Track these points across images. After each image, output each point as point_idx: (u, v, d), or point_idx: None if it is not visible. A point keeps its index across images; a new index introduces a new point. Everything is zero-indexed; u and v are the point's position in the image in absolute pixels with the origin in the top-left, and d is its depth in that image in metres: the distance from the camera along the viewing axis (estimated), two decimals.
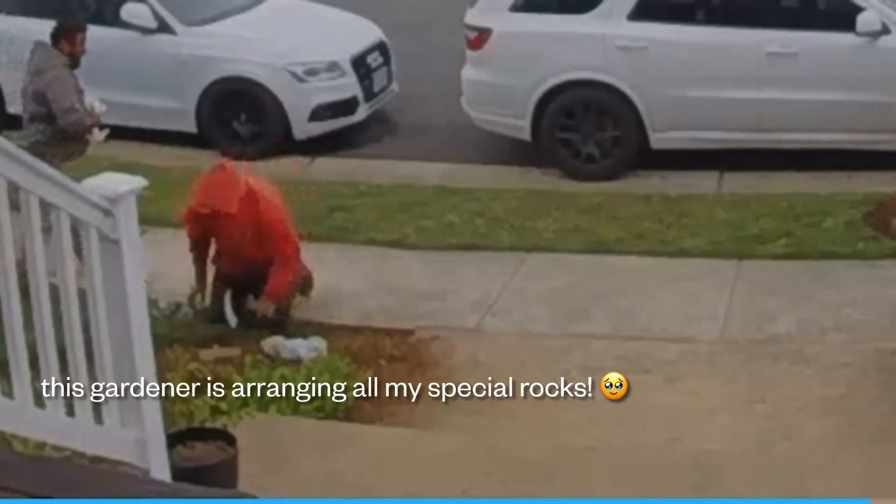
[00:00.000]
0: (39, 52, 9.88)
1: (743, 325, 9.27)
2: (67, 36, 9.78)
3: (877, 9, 11.47)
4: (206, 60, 12.88)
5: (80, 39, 9.83)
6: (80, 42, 9.82)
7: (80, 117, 9.71)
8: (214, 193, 8.94)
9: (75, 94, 9.72)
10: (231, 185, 8.96)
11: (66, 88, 9.66)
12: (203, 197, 8.98)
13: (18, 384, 4.93)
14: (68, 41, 9.76)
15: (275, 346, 8.77)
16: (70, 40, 9.76)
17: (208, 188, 8.97)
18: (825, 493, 6.88)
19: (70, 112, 9.63)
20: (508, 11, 12.29)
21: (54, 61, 9.73)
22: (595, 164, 12.05)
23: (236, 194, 8.93)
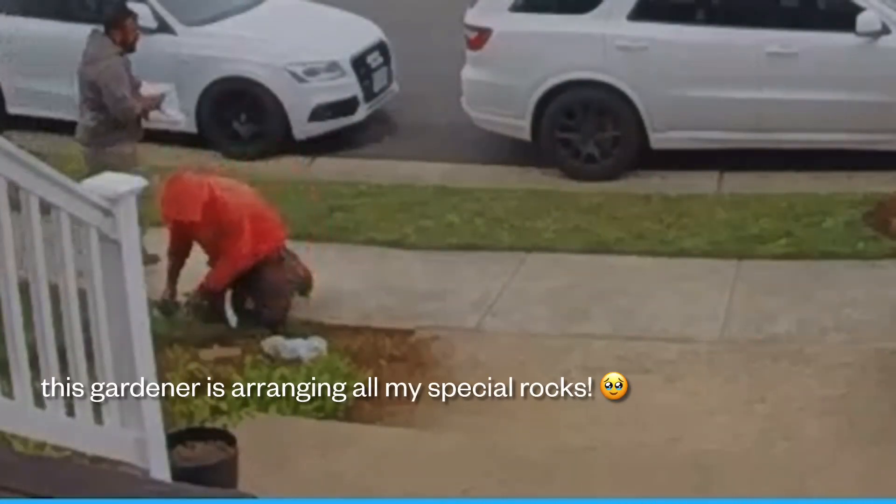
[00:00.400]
0: (94, 41, 10.14)
1: (743, 325, 9.27)
2: (117, 24, 10.05)
3: (877, 9, 11.47)
4: (206, 60, 12.89)
5: (131, 25, 10.09)
6: (130, 28, 10.08)
7: (129, 106, 9.97)
8: (176, 204, 9.02)
9: (127, 83, 9.98)
10: (191, 193, 9.03)
11: (117, 78, 9.93)
12: (167, 209, 9.06)
13: (18, 384, 4.93)
14: (119, 29, 10.03)
15: (275, 346, 8.77)
16: (121, 28, 10.02)
17: (170, 200, 9.04)
18: (825, 493, 6.88)
19: (120, 101, 9.92)
20: (508, 11, 12.29)
21: (107, 51, 10.00)
22: (595, 164, 12.05)
23: (198, 202, 9.00)
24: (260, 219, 9.26)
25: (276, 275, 9.27)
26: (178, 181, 9.11)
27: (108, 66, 9.95)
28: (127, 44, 10.06)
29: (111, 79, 9.93)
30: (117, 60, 9.99)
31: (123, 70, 10.00)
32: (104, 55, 10.00)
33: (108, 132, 10.02)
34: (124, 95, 9.92)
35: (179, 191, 9.05)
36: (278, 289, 9.27)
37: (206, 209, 8.99)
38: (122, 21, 10.09)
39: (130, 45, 10.10)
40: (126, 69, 10.05)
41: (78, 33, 13.08)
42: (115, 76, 9.93)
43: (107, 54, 10.00)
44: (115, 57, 9.99)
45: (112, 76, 9.93)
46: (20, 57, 13.31)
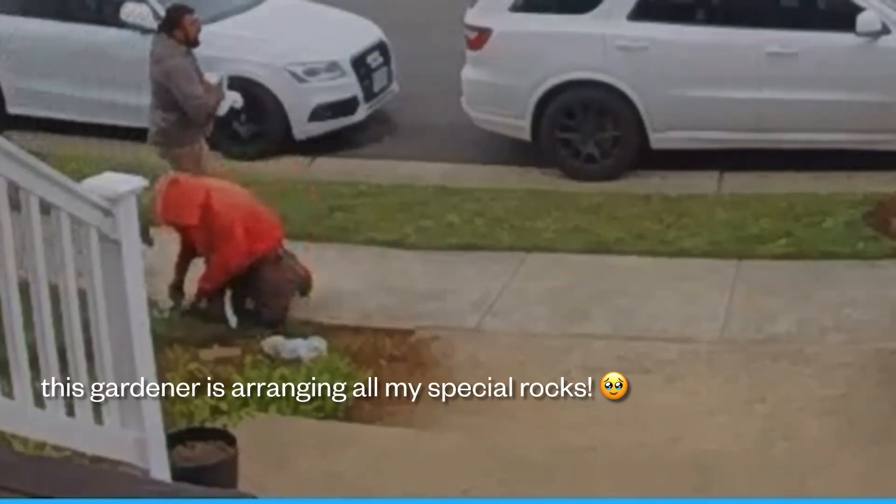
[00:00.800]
0: (158, 42, 10.24)
1: (743, 325, 9.27)
2: (177, 24, 10.13)
3: (877, 9, 11.47)
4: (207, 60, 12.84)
5: (189, 21, 10.15)
6: (189, 24, 10.16)
7: (203, 103, 10.05)
8: (174, 208, 9.06)
9: (197, 80, 10.06)
10: (188, 197, 9.07)
11: (187, 76, 10.05)
12: (164, 212, 9.09)
13: (18, 384, 4.93)
14: (179, 27, 10.11)
15: (275, 346, 8.77)
16: (180, 26, 10.10)
17: (166, 204, 9.06)
18: (825, 493, 6.88)
19: (192, 99, 10.00)
20: (508, 11, 12.29)
21: (171, 50, 10.10)
22: (595, 164, 12.05)
23: (195, 205, 9.04)
24: (255, 219, 9.27)
25: (275, 274, 9.27)
26: (176, 184, 9.12)
27: (176, 65, 10.05)
28: (190, 40, 10.16)
29: (181, 78, 10.01)
30: (182, 59, 10.10)
31: (192, 68, 10.11)
32: (169, 54, 10.09)
33: (178, 131, 10.10)
34: (198, 93, 10.00)
35: (178, 194, 9.06)
36: (277, 288, 9.27)
37: (202, 212, 9.02)
38: (181, 20, 10.17)
39: (193, 40, 10.19)
40: (196, 67, 10.15)
41: (78, 33, 13.20)
42: (184, 75, 10.03)
43: (171, 54, 10.09)
44: (180, 57, 10.09)
45: (182, 75, 10.03)
46: (20, 57, 13.31)
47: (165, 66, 10.09)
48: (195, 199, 9.05)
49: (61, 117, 13.14)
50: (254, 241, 9.20)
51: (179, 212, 9.04)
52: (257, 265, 9.23)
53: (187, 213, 9.02)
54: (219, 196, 9.16)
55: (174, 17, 10.25)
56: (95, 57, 13.08)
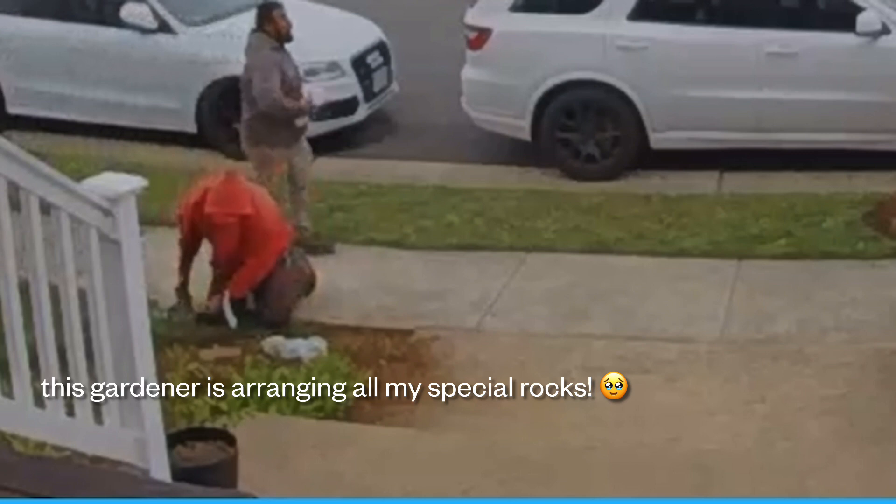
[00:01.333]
0: (251, 38, 10.23)
1: (743, 325, 9.27)
2: (267, 18, 10.14)
3: (877, 9, 11.47)
4: (207, 60, 12.88)
5: (279, 15, 10.11)
6: (279, 18, 10.12)
7: (275, 98, 9.97)
8: (231, 202, 9.08)
9: (276, 76, 9.96)
10: (242, 192, 9.17)
11: (264, 69, 10.01)
12: (220, 206, 9.07)
13: (18, 384, 4.93)
14: (269, 22, 10.11)
15: (275, 346, 8.77)
16: (270, 20, 10.08)
17: (223, 197, 9.08)
18: (825, 493, 6.88)
19: (265, 92, 9.96)
20: (508, 11, 12.29)
21: (258, 44, 10.11)
22: (595, 164, 12.05)
23: (248, 200, 9.14)
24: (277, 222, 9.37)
25: (280, 276, 9.29)
26: (233, 179, 9.21)
27: (259, 57, 10.07)
28: (281, 35, 10.13)
29: (258, 68, 10.03)
30: (270, 54, 10.07)
31: (274, 63, 10.03)
32: (256, 48, 10.13)
33: (261, 129, 10.07)
34: (269, 88, 9.93)
35: (235, 188, 9.14)
36: (281, 290, 9.29)
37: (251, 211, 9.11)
38: (270, 14, 10.14)
39: (285, 35, 10.14)
40: (282, 64, 10.07)
41: (78, 33, 13.20)
42: (262, 66, 10.02)
43: (258, 47, 10.15)
44: (267, 50, 10.08)
45: (260, 66, 10.04)
46: (20, 57, 13.31)
47: (249, 59, 10.14)
48: (248, 195, 9.17)
49: (61, 117, 13.13)
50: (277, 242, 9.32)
51: (237, 204, 9.06)
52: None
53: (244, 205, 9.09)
54: (261, 200, 9.27)
55: (263, 11, 10.22)
56: (95, 57, 13.08)
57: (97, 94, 13.03)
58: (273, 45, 10.11)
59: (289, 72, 10.17)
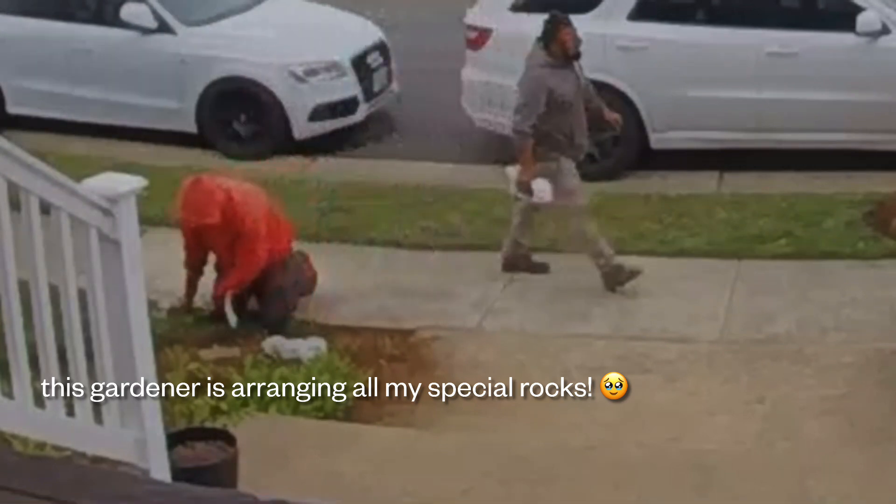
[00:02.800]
0: (532, 48, 9.79)
1: (743, 325, 9.27)
2: (553, 37, 9.67)
3: (877, 9, 11.47)
4: (206, 60, 12.89)
5: (566, 34, 9.68)
6: (566, 37, 9.66)
7: (522, 124, 9.53)
8: (196, 207, 9.00)
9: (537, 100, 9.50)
10: (209, 196, 9.01)
11: (529, 90, 9.59)
12: (186, 212, 9.06)
13: (18, 384, 4.93)
14: (555, 39, 9.65)
15: (275, 346, 8.77)
16: (557, 40, 9.65)
17: (189, 203, 9.04)
18: (825, 493, 6.88)
19: (516, 112, 9.59)
20: (508, 11, 12.28)
21: (533, 60, 9.70)
22: (595, 164, 12.03)
23: (216, 205, 8.98)
24: (275, 220, 9.30)
25: (281, 277, 9.28)
26: (196, 184, 9.11)
27: (527, 75, 9.67)
28: (567, 54, 9.66)
29: (525, 89, 9.62)
30: (539, 73, 9.59)
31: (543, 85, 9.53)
32: (529, 64, 9.71)
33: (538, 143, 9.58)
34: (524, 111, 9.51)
35: (198, 194, 9.04)
36: (282, 291, 9.28)
37: (224, 213, 9.00)
38: (557, 32, 9.68)
39: (567, 54, 9.67)
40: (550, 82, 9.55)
41: (78, 33, 13.21)
42: (529, 88, 9.60)
43: (530, 65, 9.70)
44: (538, 68, 9.60)
45: (527, 87, 9.62)
46: (20, 57, 13.32)
47: (525, 71, 9.69)
48: (215, 199, 9.00)
49: (61, 117, 13.14)
50: (273, 242, 9.22)
51: (200, 211, 8.97)
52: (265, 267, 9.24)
53: (208, 212, 8.95)
54: (241, 198, 9.14)
55: (550, 28, 9.72)
56: (95, 57, 13.09)
57: (97, 94, 13.04)
58: (545, 61, 9.60)
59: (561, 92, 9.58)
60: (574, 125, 9.71)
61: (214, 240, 9.16)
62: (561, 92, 9.59)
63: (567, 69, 9.69)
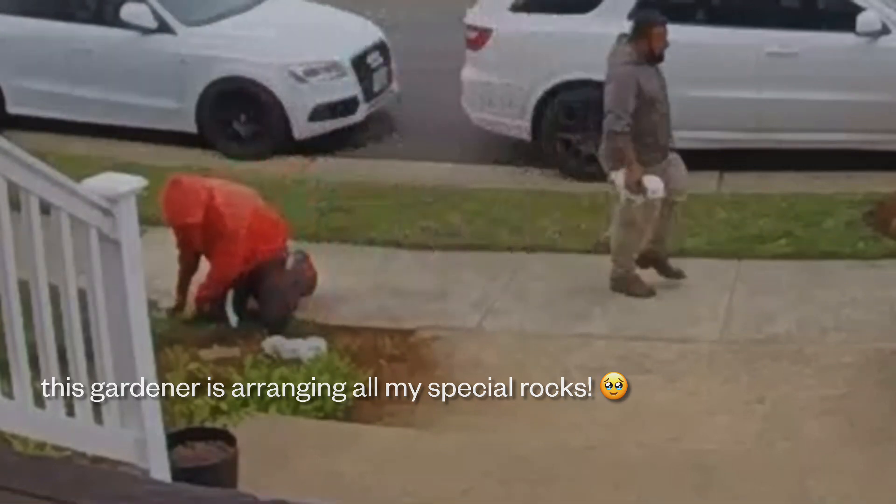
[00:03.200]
0: (614, 47, 9.60)
1: (743, 325, 9.27)
2: (643, 33, 9.47)
3: (877, 9, 11.47)
4: (206, 60, 12.89)
5: (657, 34, 9.45)
6: (657, 37, 9.44)
7: (618, 122, 9.28)
8: (177, 207, 9.01)
9: (629, 96, 9.28)
10: (191, 195, 9.02)
11: (619, 87, 9.34)
12: (167, 212, 9.06)
13: (18, 384, 4.93)
14: (645, 37, 9.44)
15: (275, 346, 8.77)
16: (647, 37, 9.44)
17: (170, 202, 9.04)
18: (825, 493, 6.88)
19: (608, 113, 9.34)
20: (508, 11, 12.29)
21: (619, 59, 9.47)
22: (595, 164, 11.99)
23: (197, 204, 8.98)
24: (260, 220, 9.25)
25: (278, 277, 9.27)
26: (178, 184, 9.10)
27: (614, 75, 9.41)
28: (653, 53, 9.44)
29: (614, 87, 9.36)
30: (627, 70, 9.37)
31: (632, 82, 9.30)
32: (614, 62, 9.49)
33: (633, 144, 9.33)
34: (618, 109, 9.28)
35: (179, 193, 9.04)
36: (280, 291, 9.28)
37: (207, 213, 8.99)
38: (649, 30, 9.47)
39: (658, 55, 9.46)
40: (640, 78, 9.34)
41: (78, 33, 13.21)
42: (619, 85, 9.33)
43: (613, 63, 9.49)
44: (624, 66, 9.39)
45: (617, 84, 9.36)
46: (20, 57, 13.32)
47: (609, 72, 9.46)
48: (198, 198, 9.01)
49: (61, 117, 13.14)
50: (258, 242, 9.19)
51: (182, 209, 8.97)
52: (261, 267, 9.22)
53: (191, 211, 8.96)
54: (224, 198, 9.12)
55: (642, 26, 9.53)
56: (95, 57, 13.09)
57: (97, 94, 13.04)
58: (632, 59, 9.39)
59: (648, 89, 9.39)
60: (658, 125, 9.52)
61: (197, 239, 9.15)
62: (647, 89, 9.40)
63: (651, 68, 9.49)
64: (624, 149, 9.36)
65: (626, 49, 9.48)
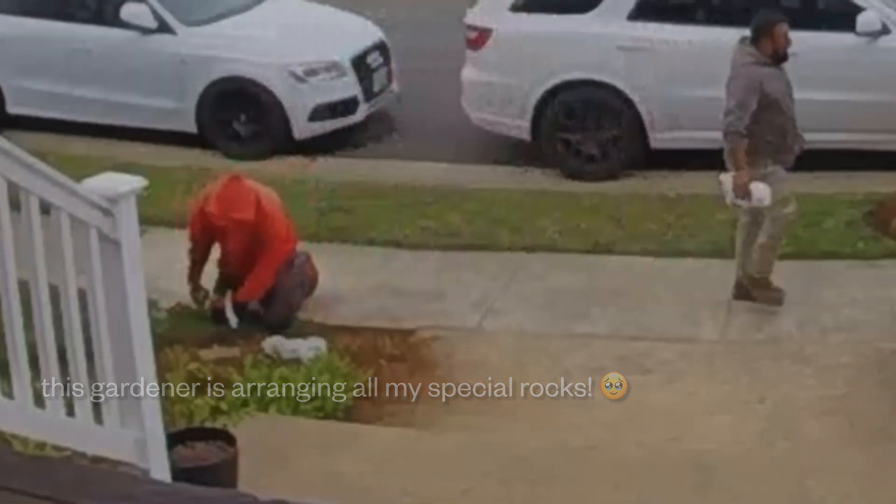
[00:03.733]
0: (736, 49, 9.37)
1: (743, 325, 9.27)
2: (766, 32, 9.26)
3: (877, 9, 11.46)
4: (206, 60, 12.89)
5: (781, 33, 9.27)
6: (780, 36, 9.26)
7: (733, 124, 9.02)
8: (232, 202, 9.08)
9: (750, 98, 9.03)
10: (245, 195, 9.14)
11: (741, 88, 9.10)
12: (219, 205, 9.08)
13: (18, 384, 4.93)
14: (768, 37, 9.24)
15: (275, 346, 8.77)
16: (770, 35, 9.25)
17: (225, 197, 9.09)
18: (825, 493, 6.88)
19: (729, 113, 9.07)
20: (508, 11, 12.29)
21: (741, 59, 9.25)
22: (595, 164, 12.05)
23: (250, 204, 9.11)
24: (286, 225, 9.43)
25: (285, 278, 9.31)
26: (235, 181, 9.20)
27: (736, 75, 9.18)
28: (778, 53, 9.23)
29: (735, 87, 9.13)
30: (750, 71, 9.14)
31: (755, 84, 9.07)
32: (737, 63, 9.25)
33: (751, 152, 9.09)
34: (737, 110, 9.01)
35: (237, 189, 9.13)
36: (286, 292, 9.30)
37: (256, 213, 9.12)
38: (773, 29, 9.26)
39: (782, 54, 9.26)
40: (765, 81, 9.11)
41: (78, 33, 13.21)
42: (741, 86, 9.09)
43: (743, 62, 9.23)
44: (747, 67, 9.16)
45: (738, 85, 9.12)
46: (20, 57, 13.32)
47: (732, 72, 9.21)
48: (250, 197, 9.14)
49: (61, 117, 13.14)
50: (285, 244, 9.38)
51: (237, 208, 9.06)
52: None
53: (245, 210, 9.07)
54: (267, 202, 9.27)
55: (765, 24, 9.32)
56: (95, 57, 13.09)
57: (97, 94, 13.04)
58: (755, 60, 9.16)
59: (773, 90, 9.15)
60: (784, 127, 9.24)
61: (234, 237, 9.19)
62: (772, 90, 9.17)
63: (776, 67, 9.28)
64: (736, 150, 9.12)
65: (750, 50, 9.26)
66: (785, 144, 9.26)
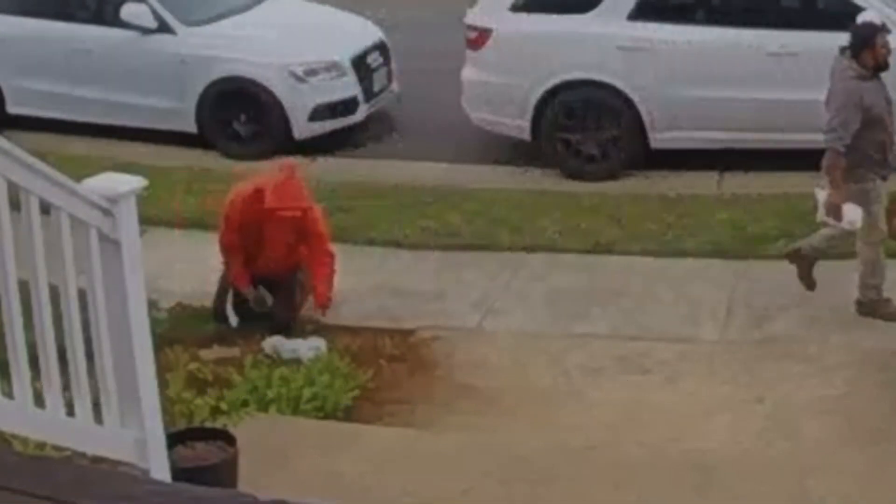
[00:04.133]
0: (836, 61, 9.19)
1: (743, 325, 9.28)
2: (866, 43, 9.00)
3: (877, 9, 11.45)
4: (206, 60, 12.89)
5: (881, 43, 9.02)
6: (880, 46, 9.00)
7: (836, 139, 8.82)
8: (293, 193, 9.11)
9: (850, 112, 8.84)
10: (301, 189, 9.23)
11: (839, 102, 8.91)
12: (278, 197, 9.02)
13: (18, 384, 4.93)
14: (868, 48, 8.98)
15: (275, 346, 8.78)
16: (870, 46, 8.99)
17: (286, 189, 9.08)
18: (825, 493, 6.88)
19: (830, 130, 8.87)
20: (508, 11, 12.29)
21: (841, 73, 9.06)
22: (595, 164, 12.05)
23: (306, 198, 9.23)
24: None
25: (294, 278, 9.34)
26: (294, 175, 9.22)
27: (835, 89, 9.01)
28: (878, 64, 8.99)
29: (834, 101, 8.95)
30: (850, 85, 8.91)
31: (855, 99, 8.86)
32: (835, 77, 9.08)
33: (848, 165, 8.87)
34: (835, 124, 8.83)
35: (295, 183, 9.17)
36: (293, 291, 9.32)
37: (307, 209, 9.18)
38: (873, 39, 9.01)
39: (882, 63, 8.99)
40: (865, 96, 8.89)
41: (78, 33, 13.21)
42: (842, 104, 8.88)
43: (839, 77, 9.04)
44: (848, 81, 8.93)
45: (837, 98, 8.94)
46: (20, 57, 13.32)
47: (832, 86, 9.04)
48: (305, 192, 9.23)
49: (61, 117, 13.14)
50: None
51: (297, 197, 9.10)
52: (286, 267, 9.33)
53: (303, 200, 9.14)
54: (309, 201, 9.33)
55: (865, 35, 9.06)
56: (96, 57, 13.10)
57: (97, 94, 13.05)
58: (856, 73, 8.94)
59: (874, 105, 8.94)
60: (882, 143, 9.02)
61: (278, 231, 9.16)
62: (873, 104, 8.95)
63: (876, 80, 9.04)
64: (834, 168, 8.91)
65: (849, 63, 9.02)
66: (885, 160, 9.09)
